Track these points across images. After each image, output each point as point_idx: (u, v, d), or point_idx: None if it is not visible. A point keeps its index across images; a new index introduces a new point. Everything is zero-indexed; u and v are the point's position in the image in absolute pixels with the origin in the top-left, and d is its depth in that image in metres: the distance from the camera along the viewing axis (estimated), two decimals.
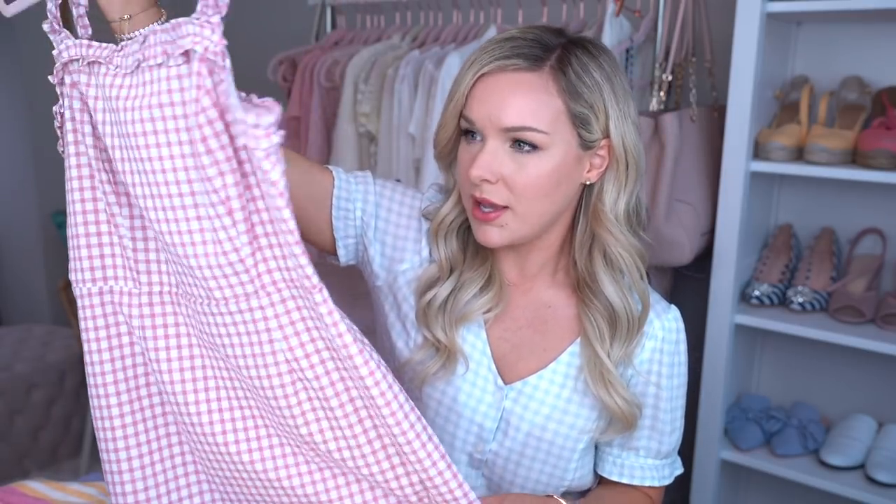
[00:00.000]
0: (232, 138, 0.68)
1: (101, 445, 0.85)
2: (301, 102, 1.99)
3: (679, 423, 0.99)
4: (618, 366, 0.92)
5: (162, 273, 0.82)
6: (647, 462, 0.99)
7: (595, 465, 1.01)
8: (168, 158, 0.71)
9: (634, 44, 1.61)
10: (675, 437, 0.99)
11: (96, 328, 0.82)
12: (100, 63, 0.74)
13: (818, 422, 1.67)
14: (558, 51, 0.84)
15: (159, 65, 0.69)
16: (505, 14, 1.85)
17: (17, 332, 2.74)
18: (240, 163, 0.70)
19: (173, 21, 0.68)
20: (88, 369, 0.83)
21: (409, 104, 1.77)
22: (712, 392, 1.64)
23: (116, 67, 0.72)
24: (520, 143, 0.84)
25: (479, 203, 0.86)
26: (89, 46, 0.75)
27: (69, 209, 0.81)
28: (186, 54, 0.67)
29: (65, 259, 0.81)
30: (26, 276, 3.40)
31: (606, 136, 0.86)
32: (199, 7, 0.65)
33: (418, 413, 0.78)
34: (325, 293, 0.72)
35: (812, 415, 1.68)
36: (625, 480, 0.99)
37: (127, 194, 0.81)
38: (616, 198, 0.89)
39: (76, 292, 0.82)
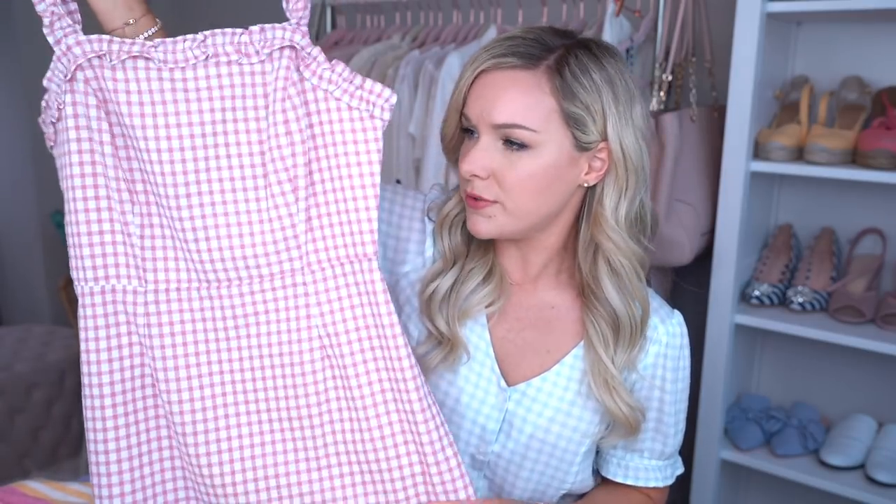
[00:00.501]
0: (307, 126, 0.82)
1: (91, 447, 0.83)
2: None
3: (682, 426, 1.00)
4: (622, 371, 0.92)
5: (169, 270, 0.83)
6: (651, 463, 0.99)
7: (599, 466, 1.01)
8: (235, 145, 0.80)
9: (634, 44, 1.61)
10: (678, 439, 1.00)
11: (96, 327, 0.81)
12: (139, 58, 0.78)
13: (818, 422, 1.67)
14: (560, 51, 0.84)
15: (229, 62, 0.79)
16: (505, 14, 1.85)
17: (17, 331, 2.74)
18: (308, 139, 0.82)
19: (259, 26, 0.80)
20: (84, 368, 0.82)
21: (409, 104, 1.76)
22: (712, 392, 1.64)
23: (161, 62, 0.78)
24: (511, 140, 0.84)
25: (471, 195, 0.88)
26: (111, 42, 0.78)
27: (69, 207, 0.80)
28: (271, 53, 0.80)
29: (65, 258, 0.81)
30: (26, 275, 3.40)
31: (604, 138, 0.86)
32: (291, 16, 0.80)
33: (434, 398, 0.86)
34: (377, 264, 0.85)
35: (812, 415, 1.68)
36: (629, 482, 0.99)
37: (137, 192, 0.81)
38: (617, 202, 0.88)
39: (77, 290, 0.82)
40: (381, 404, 0.85)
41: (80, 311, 0.82)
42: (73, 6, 0.80)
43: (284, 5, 0.82)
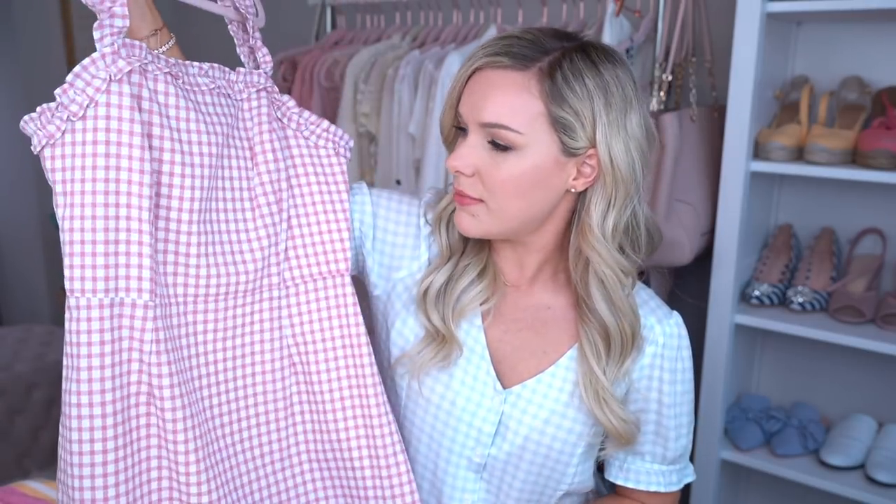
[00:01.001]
0: (286, 157, 0.92)
1: (73, 471, 0.76)
2: (301, 102, 1.99)
3: (686, 430, 0.99)
4: (614, 382, 0.92)
5: (169, 286, 0.82)
6: (653, 467, 0.99)
7: (604, 469, 1.01)
8: (229, 168, 0.87)
9: (634, 44, 1.61)
10: (681, 444, 0.99)
11: (102, 342, 0.76)
12: (168, 73, 0.80)
13: (818, 422, 1.67)
14: (556, 54, 0.83)
15: (225, 94, 0.87)
16: (505, 14, 1.85)
17: (18, 332, 2.74)
18: (286, 168, 0.91)
19: (244, 70, 0.90)
20: (73, 386, 0.75)
21: (409, 104, 1.76)
22: (712, 392, 1.64)
23: (183, 83, 0.82)
24: (496, 140, 0.84)
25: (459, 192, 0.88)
26: (149, 52, 0.79)
27: (76, 211, 0.75)
28: (250, 94, 0.90)
29: None
30: (26, 276, 3.40)
31: (593, 145, 0.84)
32: (261, 64, 0.92)
33: (390, 407, 0.94)
34: (349, 279, 0.93)
35: (812, 415, 1.68)
36: (630, 485, 0.99)
37: (158, 207, 0.80)
38: (605, 212, 0.87)
39: (76, 302, 0.75)
40: (340, 410, 0.93)
41: (73, 325, 0.75)
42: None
43: (245, 60, 0.93)
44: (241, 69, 0.90)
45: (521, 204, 0.86)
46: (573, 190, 0.88)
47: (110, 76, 0.75)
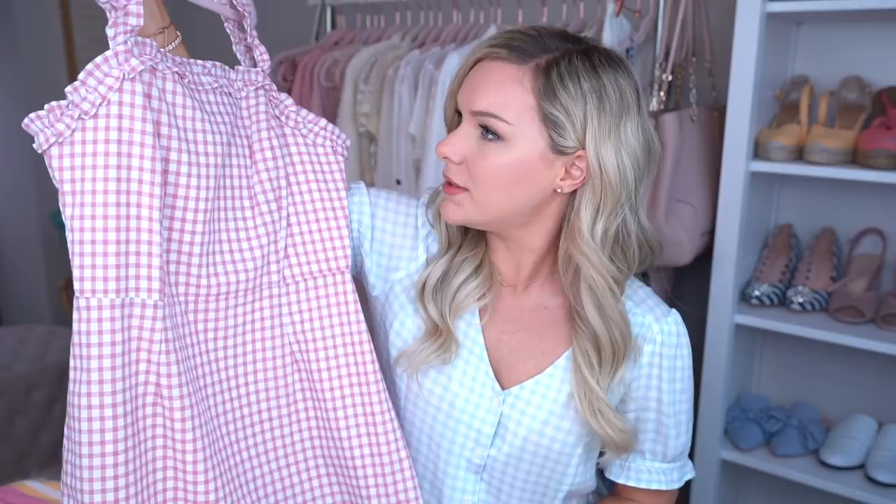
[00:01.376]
0: (285, 154, 0.92)
1: (82, 474, 0.75)
2: (301, 102, 1.99)
3: (685, 428, 0.98)
4: (609, 391, 0.91)
5: (173, 285, 0.82)
6: (654, 465, 0.99)
7: (603, 468, 1.01)
8: (230, 167, 0.87)
9: (634, 44, 1.61)
10: (681, 442, 0.99)
11: (113, 343, 0.75)
12: (176, 72, 0.80)
13: (818, 422, 1.67)
14: (556, 53, 0.83)
15: (226, 93, 0.87)
16: (505, 14, 1.85)
17: (17, 332, 2.73)
18: (285, 166, 0.91)
19: (243, 68, 0.90)
20: (82, 388, 0.75)
21: (409, 104, 1.76)
22: (712, 392, 1.64)
23: (188, 82, 0.82)
24: (486, 129, 0.84)
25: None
26: (159, 50, 0.79)
27: (86, 211, 0.74)
28: (248, 92, 0.90)
29: (65, 259, 0.77)
30: (26, 275, 3.40)
31: (583, 147, 0.84)
32: (259, 62, 0.91)
33: (392, 404, 0.95)
34: (350, 277, 0.94)
35: (812, 415, 1.68)
36: (631, 483, 0.99)
37: (165, 207, 0.79)
38: (594, 217, 0.86)
39: (86, 303, 0.74)
40: (342, 407, 0.93)
41: (83, 326, 0.74)
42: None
43: (241, 58, 0.93)
44: (240, 67, 0.90)
45: (504, 196, 0.86)
46: (559, 190, 0.87)
47: (123, 74, 0.74)
